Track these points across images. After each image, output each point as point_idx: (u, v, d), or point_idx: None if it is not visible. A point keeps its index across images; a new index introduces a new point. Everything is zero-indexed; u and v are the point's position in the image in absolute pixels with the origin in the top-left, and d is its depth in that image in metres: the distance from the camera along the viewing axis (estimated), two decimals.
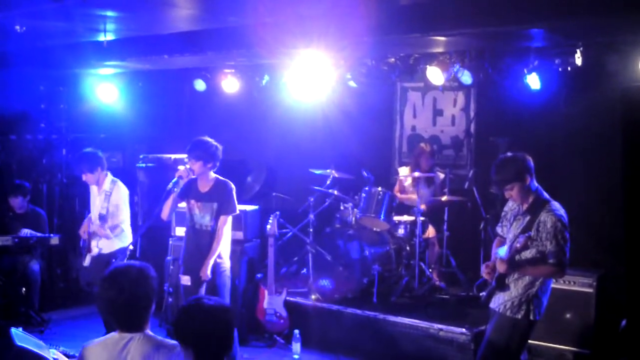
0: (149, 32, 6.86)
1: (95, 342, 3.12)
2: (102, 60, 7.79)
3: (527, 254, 4.54)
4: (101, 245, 6.58)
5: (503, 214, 4.93)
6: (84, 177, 6.63)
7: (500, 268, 4.55)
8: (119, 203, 6.60)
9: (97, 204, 6.65)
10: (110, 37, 6.67)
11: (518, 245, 4.48)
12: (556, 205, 4.57)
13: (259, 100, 8.88)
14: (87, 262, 6.60)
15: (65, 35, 6.88)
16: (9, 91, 7.90)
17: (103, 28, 6.35)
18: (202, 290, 5.94)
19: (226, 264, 6.00)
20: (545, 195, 4.64)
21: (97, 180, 6.61)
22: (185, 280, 5.98)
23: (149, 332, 3.10)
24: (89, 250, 6.57)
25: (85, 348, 3.13)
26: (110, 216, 6.55)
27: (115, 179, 6.69)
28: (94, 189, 6.73)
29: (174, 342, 3.06)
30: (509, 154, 4.73)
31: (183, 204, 6.07)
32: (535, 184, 4.64)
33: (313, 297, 7.25)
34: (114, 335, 3.10)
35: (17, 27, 6.06)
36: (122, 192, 6.65)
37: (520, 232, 4.54)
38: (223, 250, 5.95)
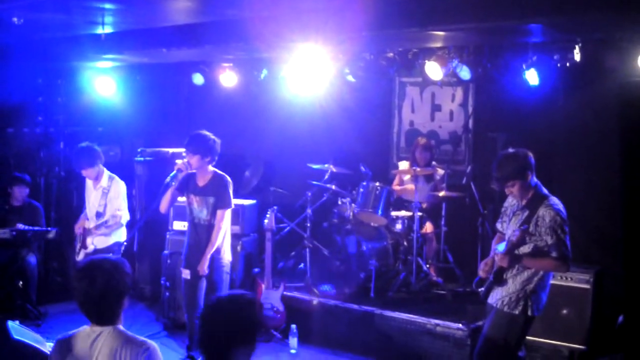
0: (147, 25, 6.84)
1: (69, 335, 3.14)
2: (100, 53, 7.76)
3: (525, 249, 4.53)
4: (96, 242, 6.56)
5: (503, 209, 4.91)
6: (84, 172, 6.58)
7: (502, 262, 4.54)
8: (117, 199, 6.56)
9: (92, 199, 6.61)
10: (108, 30, 6.65)
11: (514, 238, 4.48)
12: (554, 200, 4.56)
13: (257, 95, 8.87)
14: (80, 257, 6.58)
15: (63, 27, 6.86)
16: (6, 84, 7.88)
17: (101, 21, 6.33)
18: (202, 284, 5.95)
19: (225, 259, 6.00)
20: (544, 190, 4.63)
21: (97, 174, 6.58)
22: (186, 274, 6.00)
23: (120, 327, 3.10)
24: (85, 246, 6.54)
25: (59, 341, 3.15)
26: (108, 212, 6.53)
27: (112, 175, 6.64)
28: (89, 184, 6.68)
29: (143, 339, 3.07)
30: (510, 150, 4.70)
31: (183, 198, 6.07)
32: (535, 179, 4.63)
33: (312, 293, 7.25)
34: (86, 328, 3.11)
35: (15, 19, 6.04)
36: (120, 188, 6.61)
37: (519, 227, 4.54)
38: (223, 245, 5.95)
